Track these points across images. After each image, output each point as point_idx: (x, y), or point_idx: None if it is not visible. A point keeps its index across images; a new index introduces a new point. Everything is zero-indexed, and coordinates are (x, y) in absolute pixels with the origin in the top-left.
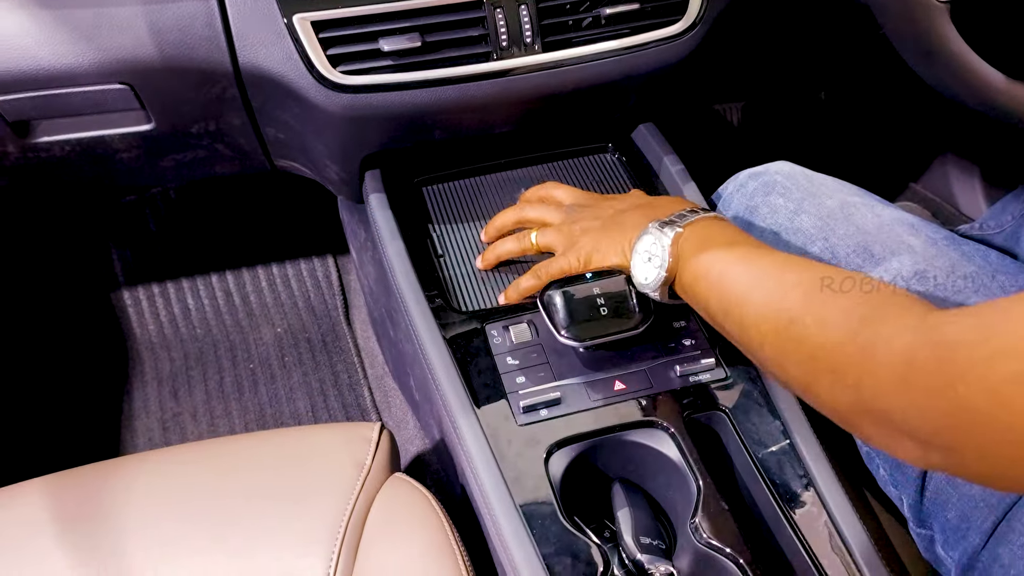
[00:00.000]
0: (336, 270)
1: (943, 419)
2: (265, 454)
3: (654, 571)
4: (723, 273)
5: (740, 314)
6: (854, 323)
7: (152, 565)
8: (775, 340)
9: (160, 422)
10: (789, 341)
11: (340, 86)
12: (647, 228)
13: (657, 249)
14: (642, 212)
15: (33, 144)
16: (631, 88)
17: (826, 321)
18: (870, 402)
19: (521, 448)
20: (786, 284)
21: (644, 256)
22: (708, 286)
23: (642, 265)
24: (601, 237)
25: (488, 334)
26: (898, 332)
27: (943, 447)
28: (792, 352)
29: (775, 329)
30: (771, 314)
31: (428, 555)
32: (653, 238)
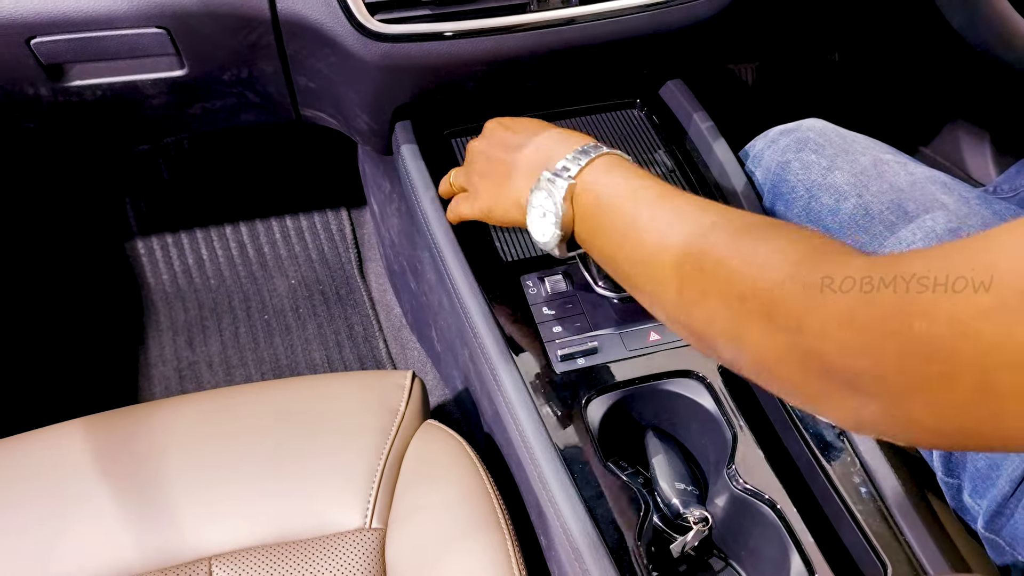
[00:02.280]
0: (350, 223)
1: (893, 359)
2: (300, 400)
3: (689, 515)
4: (632, 220)
5: (653, 261)
6: (790, 264)
7: (192, 505)
8: (698, 282)
9: (176, 371)
10: (715, 282)
11: (377, 34)
12: (538, 180)
13: (550, 204)
14: (534, 157)
15: (65, 88)
16: (662, 43)
17: (759, 261)
18: (808, 345)
19: (559, 395)
20: (705, 224)
21: (539, 212)
22: (611, 236)
23: (538, 222)
24: (496, 190)
25: (523, 284)
26: (848, 270)
27: (886, 394)
28: (718, 294)
29: (698, 270)
30: (693, 253)
31: (465, 498)
32: (545, 192)
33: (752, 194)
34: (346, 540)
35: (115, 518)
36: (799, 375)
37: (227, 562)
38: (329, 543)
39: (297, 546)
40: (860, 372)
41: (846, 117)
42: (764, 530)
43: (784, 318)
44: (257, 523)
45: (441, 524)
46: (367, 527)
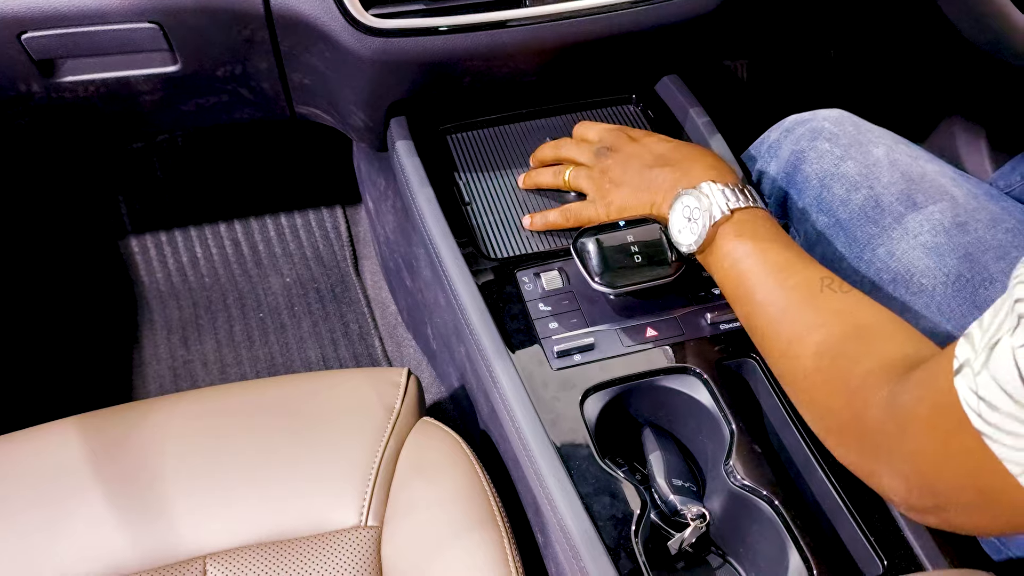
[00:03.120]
0: (345, 221)
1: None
2: (295, 397)
3: (686, 512)
4: (753, 277)
5: (762, 326)
6: (854, 382)
7: (187, 503)
8: (786, 371)
9: (171, 369)
10: (798, 381)
11: (372, 29)
12: (701, 185)
13: (699, 215)
14: (672, 174)
15: (57, 84)
16: (658, 39)
17: (832, 379)
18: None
19: (556, 391)
20: (810, 318)
21: (686, 212)
22: (737, 277)
23: (680, 220)
24: (630, 196)
25: (519, 281)
26: (879, 399)
27: (932, 511)
28: (802, 391)
29: (787, 361)
30: (789, 347)
31: (461, 495)
32: (699, 202)
33: None
34: (342, 538)
35: (109, 517)
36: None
37: (222, 561)
38: (325, 541)
39: (292, 544)
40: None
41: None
42: (762, 527)
43: (845, 437)
44: (252, 521)
45: (437, 522)
46: (363, 525)
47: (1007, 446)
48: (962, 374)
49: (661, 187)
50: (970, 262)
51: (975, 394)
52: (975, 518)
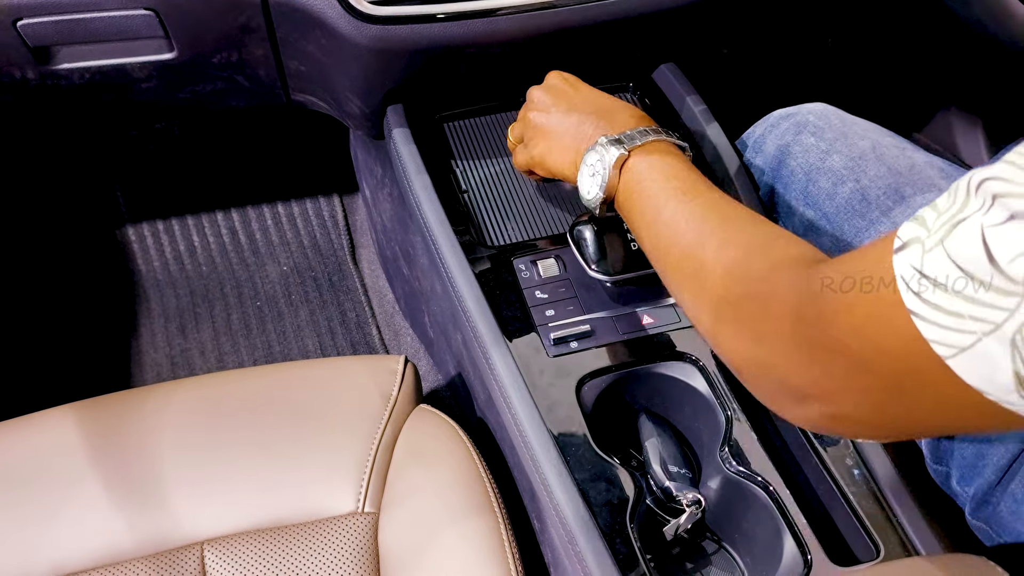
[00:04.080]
0: (342, 209)
1: (820, 367)
2: (293, 385)
3: (682, 498)
4: (657, 209)
5: (665, 253)
6: (754, 271)
7: (184, 490)
8: (690, 285)
9: (168, 358)
10: (701, 288)
11: (368, 16)
12: (595, 142)
13: (600, 167)
14: (596, 124)
15: (53, 71)
16: (655, 26)
17: (736, 272)
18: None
19: (552, 379)
20: (708, 229)
21: (589, 170)
22: (642, 216)
23: (586, 179)
24: (554, 143)
25: (516, 268)
26: (790, 284)
27: (822, 399)
28: (704, 299)
29: (690, 276)
30: (688, 257)
31: (458, 482)
32: (598, 155)
33: (745, 177)
34: (339, 524)
35: (106, 503)
36: (759, 381)
37: (219, 547)
38: (322, 527)
39: (290, 530)
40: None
41: (839, 102)
42: (757, 512)
43: (748, 328)
44: (249, 508)
45: (434, 508)
46: (360, 511)
47: (943, 327)
48: (906, 251)
49: (582, 138)
50: None
51: (918, 271)
52: (872, 407)
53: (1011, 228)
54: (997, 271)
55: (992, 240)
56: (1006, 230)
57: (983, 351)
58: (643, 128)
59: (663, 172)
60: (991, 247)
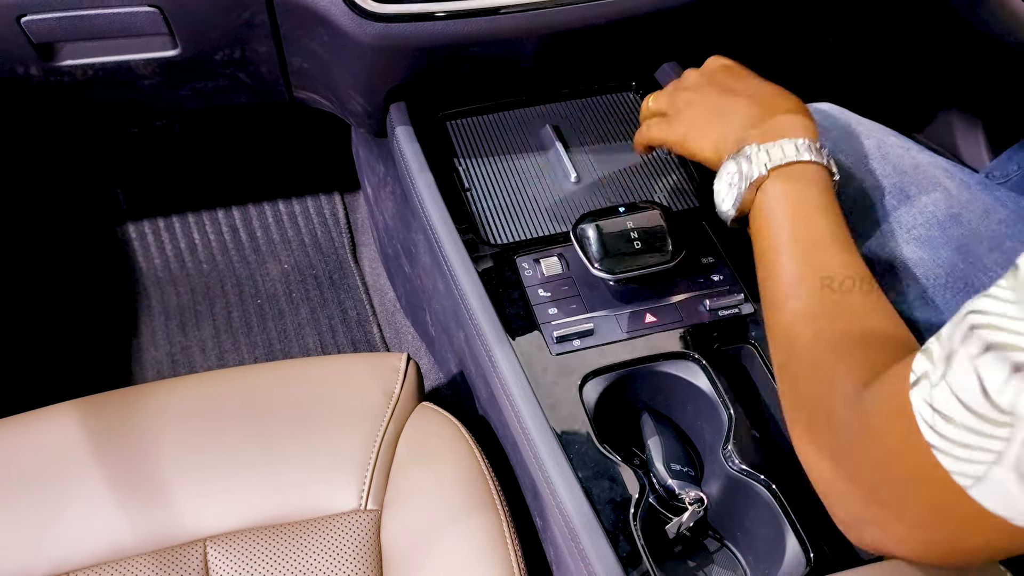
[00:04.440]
0: (343, 207)
1: (871, 494)
2: (296, 382)
3: (684, 496)
4: (775, 251)
5: (775, 291)
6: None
7: (187, 487)
8: (784, 344)
9: (169, 355)
10: (791, 357)
11: (372, 14)
12: (741, 150)
13: (738, 180)
14: (751, 115)
15: (56, 67)
16: (658, 25)
17: (822, 376)
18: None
19: (555, 377)
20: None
21: (727, 179)
22: (763, 245)
23: (724, 188)
24: (700, 121)
25: (519, 266)
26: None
27: (875, 523)
28: (789, 367)
29: (788, 338)
30: (794, 322)
31: (460, 479)
32: (738, 167)
33: None
34: (341, 522)
35: (108, 500)
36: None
37: (222, 544)
38: (324, 525)
39: (292, 528)
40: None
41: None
42: (760, 511)
43: (825, 444)
44: (252, 505)
45: (436, 506)
46: (362, 509)
47: (958, 458)
48: (919, 386)
49: (729, 123)
50: (964, 253)
51: (930, 406)
52: (917, 533)
53: (990, 359)
54: (990, 403)
55: (983, 372)
56: (986, 362)
57: (995, 480)
58: (794, 140)
59: (796, 208)
60: (983, 379)
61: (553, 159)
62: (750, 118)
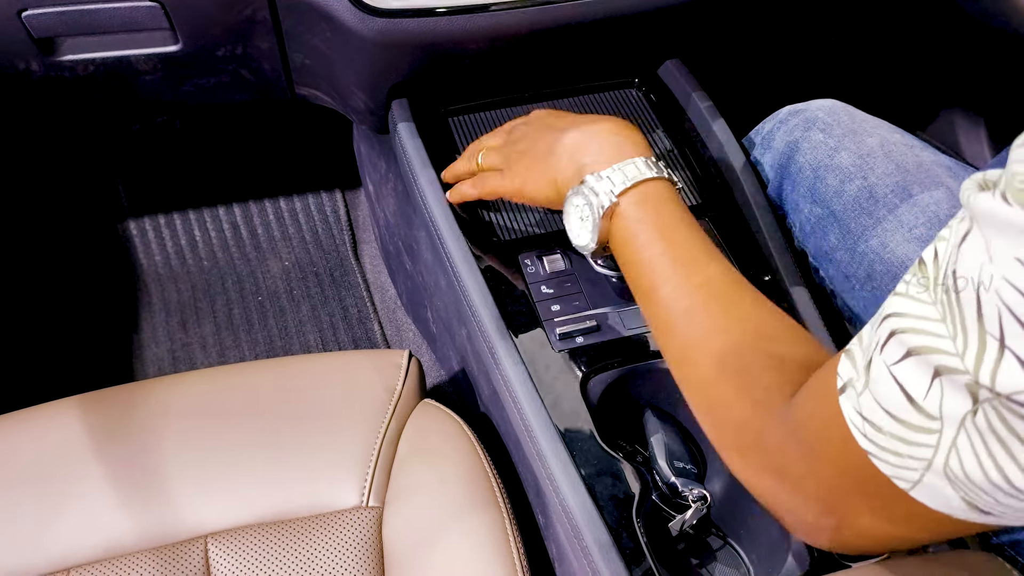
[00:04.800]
0: (344, 204)
1: (819, 504)
2: (297, 378)
3: (687, 494)
4: (652, 270)
5: (663, 321)
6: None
7: (188, 483)
8: (676, 362)
9: (169, 352)
10: (696, 394)
11: (375, 10)
12: (582, 182)
13: (588, 213)
14: (578, 145)
15: (57, 62)
16: (661, 22)
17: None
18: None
19: (558, 373)
20: (714, 311)
21: (577, 214)
22: (634, 271)
23: (575, 222)
24: (533, 166)
25: (521, 263)
26: (779, 420)
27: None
28: (699, 404)
29: (696, 357)
30: (698, 342)
31: (462, 476)
32: (584, 200)
33: (750, 174)
34: (343, 518)
35: (110, 496)
36: (787, 513)
37: (223, 540)
38: (326, 521)
39: (294, 524)
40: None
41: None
42: (763, 509)
43: (750, 455)
44: (253, 501)
45: (438, 503)
46: (364, 506)
47: (894, 465)
48: (846, 394)
49: (563, 162)
50: None
51: (859, 414)
52: (873, 531)
53: (910, 366)
54: (917, 410)
55: (904, 380)
56: (907, 369)
57: (930, 484)
58: (632, 160)
59: (659, 229)
60: (906, 387)
61: None
62: (581, 148)
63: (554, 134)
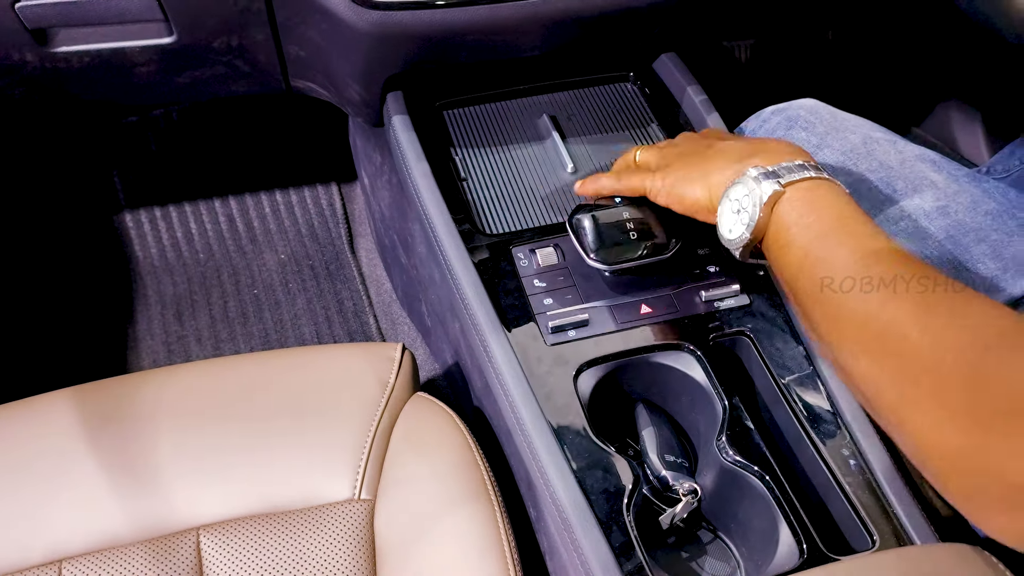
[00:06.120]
0: (340, 198)
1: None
2: (290, 371)
3: (678, 487)
4: (822, 255)
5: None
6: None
7: (181, 475)
8: (874, 349)
9: (165, 344)
10: (891, 356)
11: (370, 2)
12: (744, 174)
13: (748, 203)
14: (744, 152)
15: (52, 53)
16: (657, 16)
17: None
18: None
19: (550, 367)
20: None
21: (733, 206)
22: (799, 258)
23: (729, 216)
24: (693, 164)
25: (515, 257)
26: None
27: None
28: (892, 368)
29: (876, 336)
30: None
31: (454, 469)
32: (746, 188)
33: None
34: (335, 511)
35: (103, 488)
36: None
37: (215, 532)
38: (318, 514)
39: (286, 516)
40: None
41: (840, 96)
42: (753, 502)
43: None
44: (245, 494)
45: (430, 495)
46: (356, 498)
47: None
48: None
49: (724, 159)
50: (952, 245)
51: None
52: None
53: None
54: None
55: None
56: None
57: None
58: (802, 162)
59: (831, 214)
60: None
61: (550, 149)
62: (746, 151)
63: (720, 141)
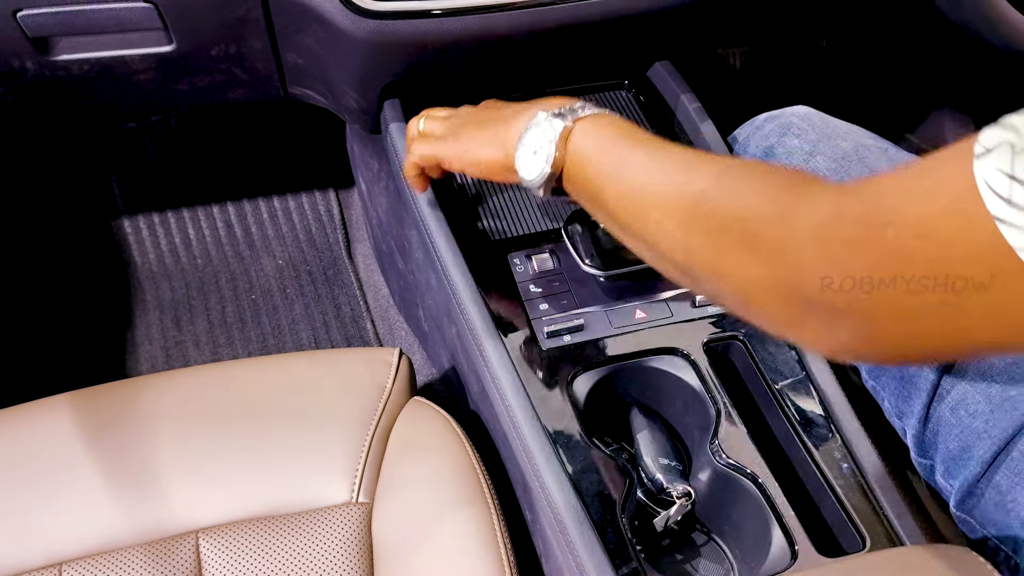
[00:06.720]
0: (337, 203)
1: (864, 271)
2: (288, 376)
3: (672, 490)
4: (620, 159)
5: (638, 196)
6: (771, 191)
7: (179, 479)
8: (681, 217)
9: (163, 349)
10: (698, 217)
11: (366, 11)
12: (534, 119)
13: (544, 141)
14: (525, 106)
15: (52, 62)
16: (652, 24)
17: (741, 192)
18: (785, 271)
19: (545, 371)
20: (693, 165)
21: (530, 150)
22: (599, 172)
23: (527, 159)
24: (482, 128)
25: (510, 263)
26: (820, 192)
27: (858, 310)
28: (700, 227)
29: (682, 206)
30: (677, 191)
31: (451, 473)
32: (540, 130)
33: None
34: (333, 514)
35: (102, 492)
36: (777, 304)
37: (214, 536)
38: (316, 517)
39: (284, 520)
40: (833, 289)
41: (834, 103)
42: (746, 505)
43: (763, 245)
44: (244, 497)
45: (427, 499)
46: (354, 501)
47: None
48: (991, 156)
49: (512, 119)
50: None
51: (1007, 175)
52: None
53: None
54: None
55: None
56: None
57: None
58: (580, 104)
59: (618, 132)
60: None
61: None
62: (526, 107)
63: (498, 108)
